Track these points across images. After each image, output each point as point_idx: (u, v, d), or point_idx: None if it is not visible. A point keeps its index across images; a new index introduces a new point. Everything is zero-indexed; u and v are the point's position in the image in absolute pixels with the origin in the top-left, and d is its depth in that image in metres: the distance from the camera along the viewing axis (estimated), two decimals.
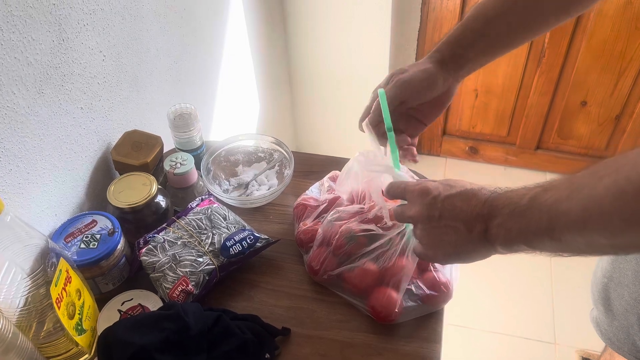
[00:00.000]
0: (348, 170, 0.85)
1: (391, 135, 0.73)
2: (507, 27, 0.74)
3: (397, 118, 0.78)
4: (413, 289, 0.79)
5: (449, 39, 0.76)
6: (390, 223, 0.78)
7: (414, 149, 0.81)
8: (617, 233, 0.47)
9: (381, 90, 0.75)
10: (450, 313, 0.81)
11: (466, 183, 0.64)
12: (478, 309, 1.75)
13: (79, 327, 0.71)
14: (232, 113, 1.50)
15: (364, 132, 0.81)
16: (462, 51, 0.75)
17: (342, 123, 2.11)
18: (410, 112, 0.80)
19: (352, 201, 0.86)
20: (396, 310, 0.76)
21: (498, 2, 0.74)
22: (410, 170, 0.96)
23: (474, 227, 0.60)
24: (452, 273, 0.81)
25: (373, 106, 0.78)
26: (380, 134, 0.78)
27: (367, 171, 0.81)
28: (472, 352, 1.71)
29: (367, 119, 0.80)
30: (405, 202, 0.70)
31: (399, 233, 0.78)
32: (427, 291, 0.78)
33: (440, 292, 0.78)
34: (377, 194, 0.79)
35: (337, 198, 0.87)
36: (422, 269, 0.80)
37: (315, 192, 0.92)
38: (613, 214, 0.46)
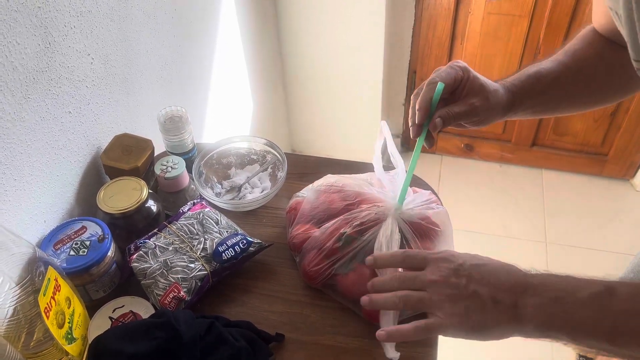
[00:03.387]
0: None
1: (422, 137, 0.75)
2: (557, 97, 0.79)
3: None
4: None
5: (520, 78, 0.80)
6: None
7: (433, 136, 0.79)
8: None
9: (441, 84, 0.74)
10: None
11: (489, 257, 0.63)
12: None
13: (69, 336, 0.70)
14: (224, 114, 1.48)
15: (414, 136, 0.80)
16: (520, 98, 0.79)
17: (337, 121, 2.10)
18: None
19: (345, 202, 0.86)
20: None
21: (558, 72, 0.77)
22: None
23: (502, 300, 0.57)
24: None
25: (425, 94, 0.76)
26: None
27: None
28: (468, 352, 1.71)
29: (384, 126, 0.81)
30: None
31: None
32: None
33: None
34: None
35: (330, 201, 0.86)
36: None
37: (309, 195, 0.90)
38: None
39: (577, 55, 0.77)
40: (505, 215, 2.10)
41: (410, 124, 0.79)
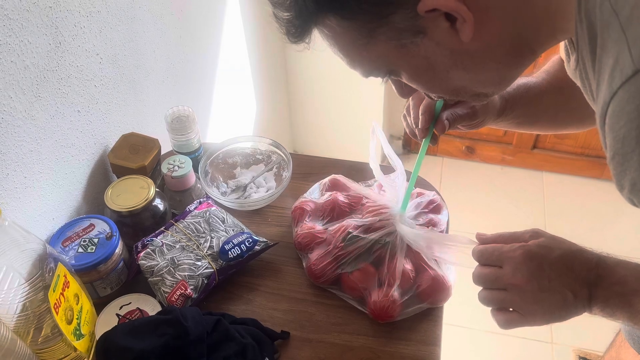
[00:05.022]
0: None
1: (425, 144, 0.78)
2: (543, 111, 0.82)
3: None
4: (413, 287, 0.79)
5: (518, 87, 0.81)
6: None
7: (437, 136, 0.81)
8: None
9: (440, 101, 0.76)
10: (448, 313, 0.81)
11: (558, 240, 0.65)
12: (475, 309, 1.74)
13: (77, 332, 0.71)
14: (229, 115, 1.49)
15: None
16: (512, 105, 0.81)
17: (340, 124, 2.10)
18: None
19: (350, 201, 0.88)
20: (396, 308, 0.77)
21: (543, 87, 0.79)
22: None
23: (580, 292, 0.60)
24: (450, 271, 0.81)
25: (424, 109, 0.78)
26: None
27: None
28: (469, 352, 1.71)
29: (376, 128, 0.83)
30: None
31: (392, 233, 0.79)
32: (427, 289, 0.78)
33: (439, 290, 0.79)
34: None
35: (335, 201, 0.87)
36: (421, 268, 0.80)
37: (314, 195, 0.92)
38: None
39: (557, 75, 0.79)
40: (506, 218, 2.10)
41: (408, 132, 0.82)
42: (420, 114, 0.78)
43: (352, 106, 2.01)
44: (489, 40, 0.53)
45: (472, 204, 2.16)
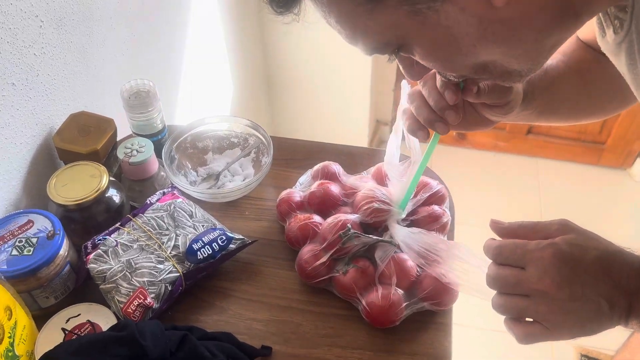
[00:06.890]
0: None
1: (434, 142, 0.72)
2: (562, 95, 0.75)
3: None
4: (415, 288, 0.73)
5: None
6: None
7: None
8: None
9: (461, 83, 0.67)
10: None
11: (593, 237, 0.57)
12: (474, 307, 1.72)
13: (10, 354, 0.62)
14: (199, 96, 1.41)
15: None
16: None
17: (323, 108, 2.05)
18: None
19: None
20: (397, 311, 0.70)
21: (560, 70, 0.72)
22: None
23: (617, 302, 0.53)
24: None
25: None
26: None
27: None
28: (467, 350, 1.69)
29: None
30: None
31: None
32: (431, 290, 0.72)
33: (444, 291, 0.72)
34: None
35: (327, 191, 0.80)
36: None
37: (306, 183, 0.86)
38: None
39: (575, 56, 0.73)
40: (500, 206, 2.08)
41: (410, 132, 0.75)
42: (445, 90, 0.66)
43: (337, 88, 1.96)
44: (528, 3, 0.45)
45: (464, 192, 2.12)
